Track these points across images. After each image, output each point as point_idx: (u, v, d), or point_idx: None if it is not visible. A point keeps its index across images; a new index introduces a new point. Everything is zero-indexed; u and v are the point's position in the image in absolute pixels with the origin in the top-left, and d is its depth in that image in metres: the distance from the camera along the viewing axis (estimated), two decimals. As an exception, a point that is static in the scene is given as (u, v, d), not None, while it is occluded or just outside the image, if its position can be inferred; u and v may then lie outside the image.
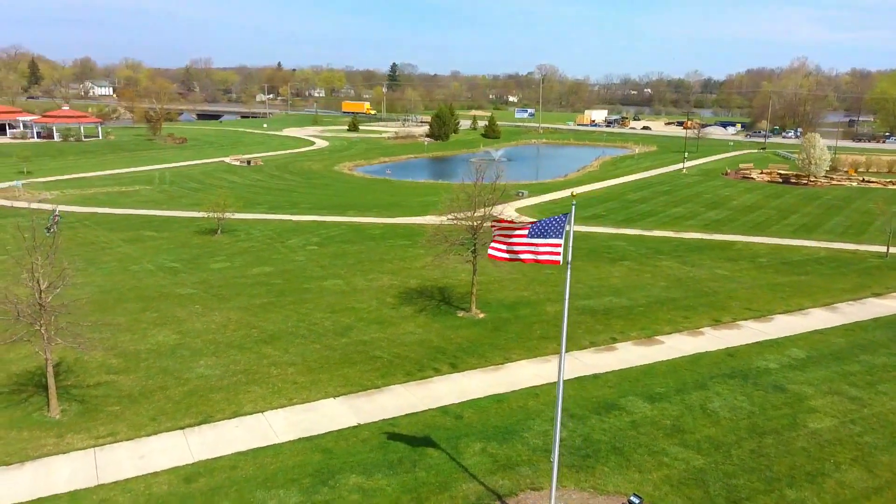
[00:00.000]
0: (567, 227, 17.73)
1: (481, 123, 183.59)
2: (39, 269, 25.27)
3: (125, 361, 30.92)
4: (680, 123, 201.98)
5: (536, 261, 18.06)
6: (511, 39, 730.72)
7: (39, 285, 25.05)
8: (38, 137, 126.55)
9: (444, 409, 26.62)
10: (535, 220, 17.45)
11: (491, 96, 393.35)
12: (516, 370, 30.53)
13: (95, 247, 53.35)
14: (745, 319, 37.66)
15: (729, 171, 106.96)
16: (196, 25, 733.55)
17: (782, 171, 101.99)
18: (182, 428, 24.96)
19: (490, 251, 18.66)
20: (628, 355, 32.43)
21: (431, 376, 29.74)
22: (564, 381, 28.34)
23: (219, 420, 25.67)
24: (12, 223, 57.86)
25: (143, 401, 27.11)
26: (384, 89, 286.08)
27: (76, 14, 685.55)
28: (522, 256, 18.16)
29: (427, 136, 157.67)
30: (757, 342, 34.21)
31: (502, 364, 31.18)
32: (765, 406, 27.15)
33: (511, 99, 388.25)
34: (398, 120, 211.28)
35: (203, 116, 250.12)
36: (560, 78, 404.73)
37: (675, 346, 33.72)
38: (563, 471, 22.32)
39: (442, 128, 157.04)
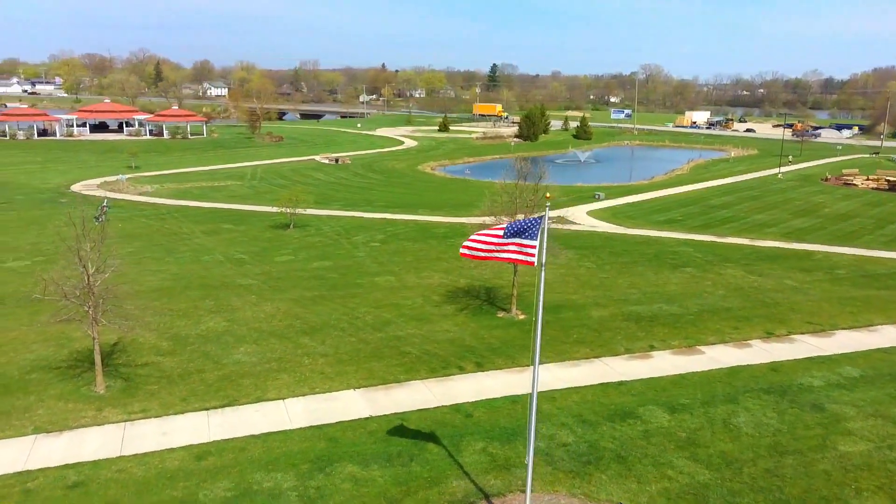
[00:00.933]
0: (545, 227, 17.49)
1: (573, 124, 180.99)
2: (87, 256, 27.43)
3: (174, 345, 33.06)
4: (789, 126, 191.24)
5: (509, 260, 18.03)
6: (615, 38, 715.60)
7: (87, 270, 27.24)
8: (150, 135, 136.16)
9: (456, 407, 26.88)
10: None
11: (591, 97, 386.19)
12: (542, 373, 30.19)
13: (176, 237, 56.98)
14: (802, 333, 35.59)
15: (829, 176, 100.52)
16: (306, 29, 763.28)
17: (891, 178, 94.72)
18: (207, 409, 26.51)
19: (462, 249, 18.75)
20: (662, 364, 31.46)
21: (454, 374, 30.05)
22: (586, 387, 28.09)
23: (242, 404, 27.06)
24: (111, 214, 62.81)
25: (180, 382, 28.95)
26: (478, 90, 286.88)
27: (199, 20, 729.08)
28: (496, 255, 18.16)
29: (516, 136, 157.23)
30: (807, 357, 32.30)
31: (529, 366, 31.01)
32: (795, 425, 25.69)
33: (612, 100, 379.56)
34: (490, 120, 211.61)
35: (306, 116, 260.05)
36: (665, 78, 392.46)
37: (716, 357, 32.37)
38: (560, 475, 22.13)
39: (531, 128, 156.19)
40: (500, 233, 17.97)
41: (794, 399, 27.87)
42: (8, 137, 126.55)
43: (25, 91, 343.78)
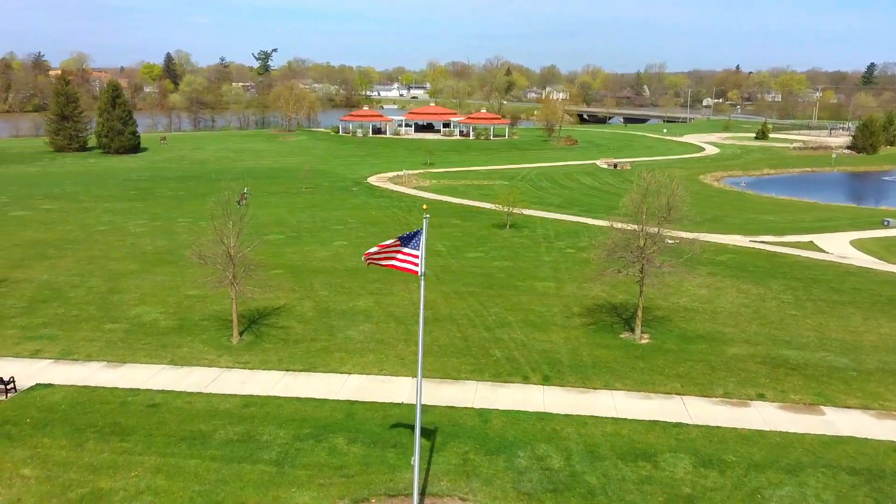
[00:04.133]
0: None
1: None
2: (230, 231, 34.17)
3: (316, 315, 38.76)
4: None
5: (396, 267, 18.80)
6: None
7: (228, 242, 33.98)
8: (460, 135, 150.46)
9: (481, 411, 27.41)
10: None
11: None
12: (603, 399, 28.77)
13: (405, 227, 64.02)
14: None
15: None
16: (653, 31, 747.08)
17: None
18: (288, 371, 31.28)
19: (365, 254, 19.80)
20: (751, 416, 27.34)
21: (512, 382, 30.26)
22: (631, 421, 26.27)
23: (317, 372, 31.24)
24: (361, 202, 72.92)
25: (292, 346, 34.31)
26: (835, 94, 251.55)
27: (548, 26, 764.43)
28: (386, 262, 19.03)
29: (847, 147, 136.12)
30: (964, 448, 24.95)
31: (597, 389, 29.63)
32: (845, 516, 20.82)
33: None
34: (827, 128, 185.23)
35: (630, 120, 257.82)
36: None
37: (835, 422, 26.93)
38: (509, 493, 21.76)
39: (868, 139, 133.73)
40: (397, 242, 18.84)
41: (878, 488, 22.27)
42: (350, 135, 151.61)
43: (401, 94, 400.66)
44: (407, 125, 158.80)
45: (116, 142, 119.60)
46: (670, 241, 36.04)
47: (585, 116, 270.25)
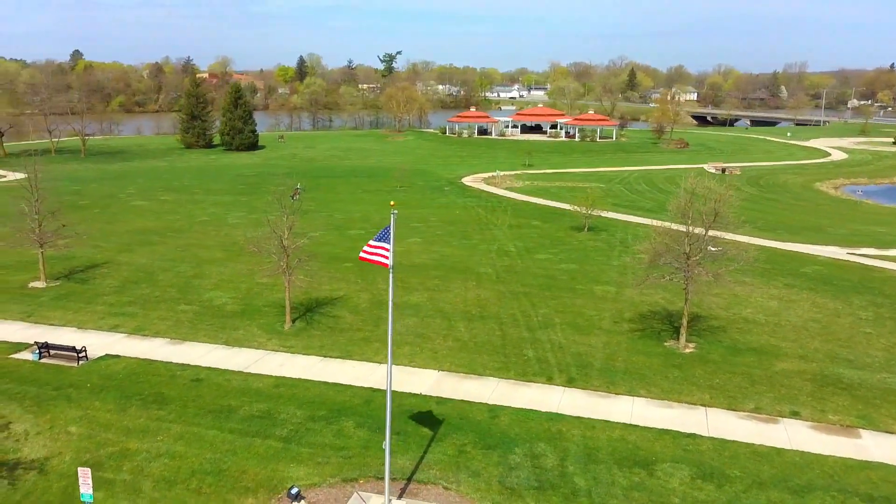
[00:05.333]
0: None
1: None
2: (284, 223, 36.45)
3: (369, 306, 40.44)
4: None
5: (370, 260, 19.65)
6: None
7: (282, 233, 36.27)
8: (566, 137, 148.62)
9: (493, 408, 27.86)
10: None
11: None
12: (621, 404, 28.38)
13: (482, 226, 64.73)
14: None
15: None
16: (793, 29, 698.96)
17: None
18: (324, 357, 33.09)
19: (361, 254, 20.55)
20: (775, 433, 26.07)
21: (535, 382, 30.43)
22: (645, 429, 26.03)
23: (351, 359, 32.81)
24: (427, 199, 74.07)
25: (338, 335, 36.14)
26: None
27: (674, 25, 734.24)
28: (365, 256, 19.93)
29: None
30: None
31: (618, 395, 29.25)
32: (840, 542, 19.60)
33: None
34: None
35: (758, 123, 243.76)
36: None
37: (872, 446, 25.25)
38: (493, 486, 22.20)
39: None
40: (377, 239, 19.76)
41: (895, 519, 20.75)
42: (456, 135, 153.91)
43: (521, 95, 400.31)
44: (513, 126, 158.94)
45: (237, 139, 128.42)
46: (713, 249, 34.61)
47: (709, 118, 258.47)
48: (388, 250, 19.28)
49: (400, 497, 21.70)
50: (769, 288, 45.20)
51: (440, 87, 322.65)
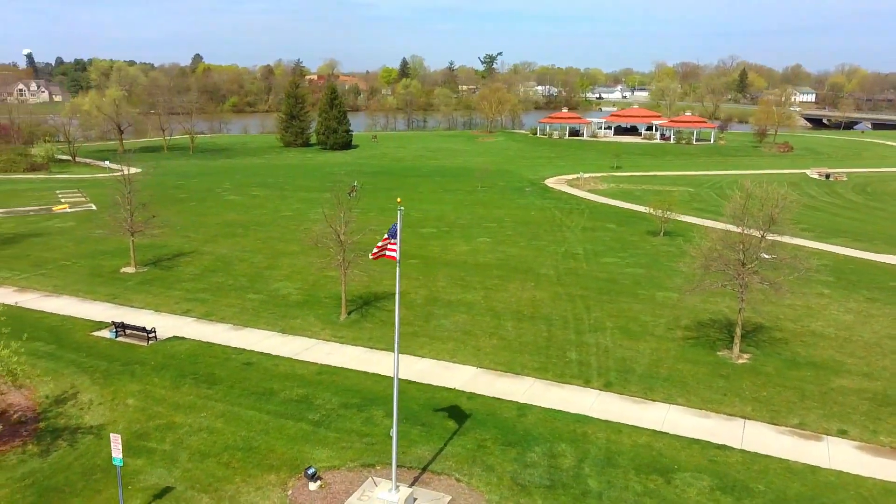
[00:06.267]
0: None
1: None
2: (341, 219, 37.91)
3: (425, 302, 41.33)
4: None
5: (385, 256, 20.32)
6: None
7: (339, 228, 37.75)
8: (661, 139, 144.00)
9: (522, 406, 28.03)
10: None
11: None
12: (655, 411, 27.83)
13: (556, 228, 64.27)
14: None
15: None
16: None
17: None
18: (371, 348, 34.24)
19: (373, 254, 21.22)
20: (815, 451, 24.87)
21: (571, 384, 30.28)
22: (673, 437, 25.84)
23: (400, 352, 33.71)
24: (547, 205, 74.07)
25: (389, 327, 37.12)
26: None
27: (796, 22, 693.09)
28: (377, 252, 20.62)
29: None
30: None
31: (655, 402, 28.68)
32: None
33: None
34: None
35: (881, 126, 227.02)
36: None
37: (919, 472, 23.51)
38: (504, 481, 22.47)
39: None
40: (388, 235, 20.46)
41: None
42: (547, 136, 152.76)
43: (624, 96, 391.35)
44: (606, 127, 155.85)
45: (332, 139, 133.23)
46: (766, 256, 33.11)
47: (825, 121, 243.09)
48: (395, 244, 19.98)
49: (411, 485, 22.36)
50: (847, 301, 42.60)
51: (539, 87, 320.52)
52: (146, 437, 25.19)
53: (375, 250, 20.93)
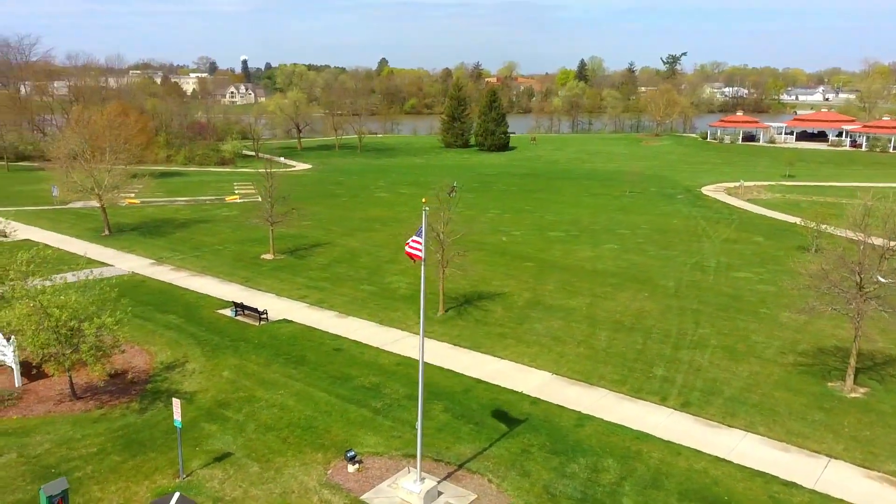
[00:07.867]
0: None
1: None
2: (441, 217, 38.91)
3: (524, 306, 41.28)
4: None
5: (409, 254, 20.88)
6: None
7: (440, 227, 38.79)
8: (850, 146, 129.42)
9: (583, 416, 27.40)
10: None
11: None
12: (728, 437, 25.94)
13: (697, 238, 60.78)
14: None
15: None
16: None
17: None
18: (456, 345, 34.94)
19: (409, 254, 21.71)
20: (835, 477, 21.84)
21: (645, 400, 29.00)
22: (738, 467, 24.89)
23: (477, 351, 34.21)
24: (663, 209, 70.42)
25: (480, 327, 37.72)
26: None
27: None
28: (407, 251, 21.18)
29: None
30: None
31: (731, 427, 26.71)
32: None
33: None
34: None
35: None
36: None
37: None
38: (538, 489, 22.25)
39: None
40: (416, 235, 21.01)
41: None
42: (717, 141, 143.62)
43: (826, 98, 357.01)
44: (787, 132, 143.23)
45: (489, 140, 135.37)
46: (882, 280, 29.25)
47: None
48: (420, 244, 20.56)
49: (443, 480, 22.83)
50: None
51: (727, 89, 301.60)
52: (226, 406, 27.90)
53: (407, 248, 21.65)
